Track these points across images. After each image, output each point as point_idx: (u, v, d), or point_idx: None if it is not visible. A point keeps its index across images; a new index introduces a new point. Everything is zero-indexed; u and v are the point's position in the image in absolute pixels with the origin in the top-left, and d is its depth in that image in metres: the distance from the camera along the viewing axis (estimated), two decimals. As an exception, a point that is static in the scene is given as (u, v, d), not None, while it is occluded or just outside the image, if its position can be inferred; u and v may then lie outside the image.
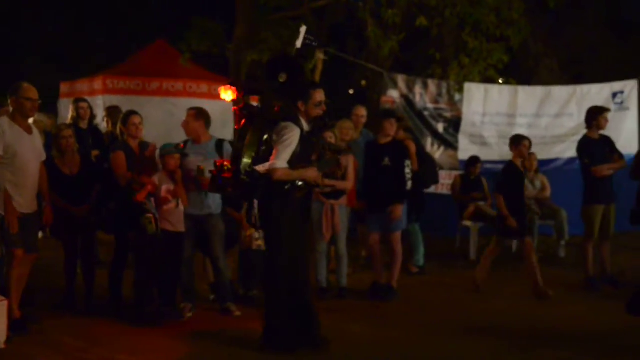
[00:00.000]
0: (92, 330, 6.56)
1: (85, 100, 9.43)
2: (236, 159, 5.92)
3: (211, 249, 7.12)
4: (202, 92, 14.27)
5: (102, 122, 10.59)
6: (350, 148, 8.04)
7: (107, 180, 7.24)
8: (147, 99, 13.28)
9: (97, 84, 13.82)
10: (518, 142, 8.33)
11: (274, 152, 5.76)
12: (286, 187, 5.80)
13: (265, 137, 5.90)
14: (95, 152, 8.76)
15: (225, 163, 6.06)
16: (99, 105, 12.86)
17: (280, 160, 5.73)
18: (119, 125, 7.51)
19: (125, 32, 23.83)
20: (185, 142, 7.23)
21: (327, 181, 6.87)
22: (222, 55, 14.36)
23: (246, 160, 5.88)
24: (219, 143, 7.17)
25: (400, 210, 7.78)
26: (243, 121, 6.00)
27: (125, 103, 11.83)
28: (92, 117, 9.59)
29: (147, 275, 6.80)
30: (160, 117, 12.56)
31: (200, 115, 7.19)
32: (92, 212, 7.25)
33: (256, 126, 5.91)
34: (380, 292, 7.89)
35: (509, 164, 8.38)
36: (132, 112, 7.44)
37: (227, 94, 6.21)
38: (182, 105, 9.58)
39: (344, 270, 7.99)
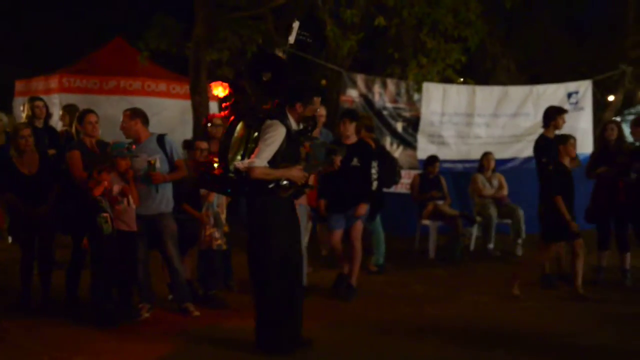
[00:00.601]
0: (49, 332, 6.46)
1: (41, 99, 9.29)
2: (223, 155, 5.81)
3: (164, 248, 7.06)
4: (161, 90, 14.18)
5: (58, 121, 10.45)
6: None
7: (65, 180, 7.14)
8: (105, 98, 13.14)
9: (53, 82, 13.63)
10: (565, 140, 8.14)
11: (256, 150, 5.69)
12: (270, 185, 5.71)
13: (255, 134, 5.79)
14: (51, 152, 8.63)
15: (215, 159, 5.97)
16: (55, 104, 12.69)
17: (260, 159, 5.64)
18: (74, 124, 7.42)
19: (83, 29, 23.51)
20: (131, 143, 7.17)
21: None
22: (181, 54, 14.25)
23: (234, 157, 5.77)
24: (160, 138, 7.13)
25: (365, 209, 7.87)
26: (232, 118, 5.94)
27: (82, 102, 11.66)
28: (48, 116, 9.45)
29: (104, 275, 6.70)
30: (118, 116, 12.28)
31: (135, 115, 7.11)
32: (51, 212, 7.14)
33: (245, 123, 5.83)
34: (343, 285, 7.95)
35: (557, 165, 8.13)
36: (88, 111, 7.36)
37: (219, 90, 6.16)
38: (140, 104, 9.47)
39: (303, 269, 7.97)
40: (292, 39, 6.19)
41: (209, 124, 8.13)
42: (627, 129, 9.38)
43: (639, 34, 15.47)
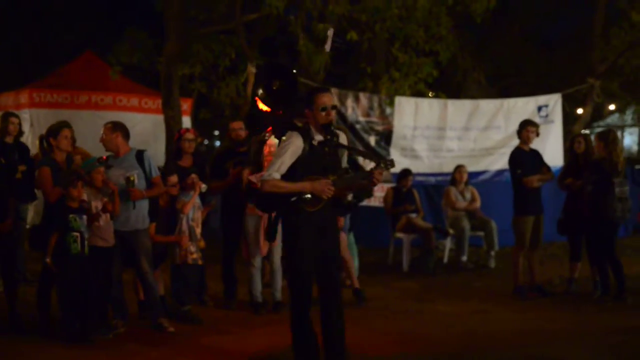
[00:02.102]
0: (19, 349, 6.37)
1: (16, 116, 9.14)
2: (257, 169, 5.68)
3: (138, 264, 7.01)
4: (133, 105, 14.10)
5: (28, 137, 10.34)
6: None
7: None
8: (75, 113, 13.02)
9: (23, 97, 13.49)
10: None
11: (268, 163, 5.55)
12: (292, 199, 5.34)
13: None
14: (22, 167, 8.52)
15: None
16: (26, 119, 12.54)
17: (269, 171, 5.39)
18: (46, 139, 7.31)
19: (52, 43, 23.31)
20: (107, 157, 7.12)
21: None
22: (152, 69, 14.20)
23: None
24: (139, 154, 7.10)
25: (342, 222, 8.12)
26: (269, 128, 5.83)
27: (52, 117, 11.59)
28: (20, 132, 9.34)
29: (70, 294, 6.59)
30: (89, 132, 12.28)
31: (116, 128, 7.08)
32: (15, 226, 7.06)
33: (276, 136, 5.72)
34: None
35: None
36: (63, 125, 7.27)
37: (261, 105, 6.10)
38: (112, 119, 9.40)
39: (278, 283, 7.97)
40: (328, 47, 6.03)
41: (182, 139, 8.09)
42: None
43: (605, 48, 15.68)
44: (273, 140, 5.52)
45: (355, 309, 7.99)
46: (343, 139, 5.53)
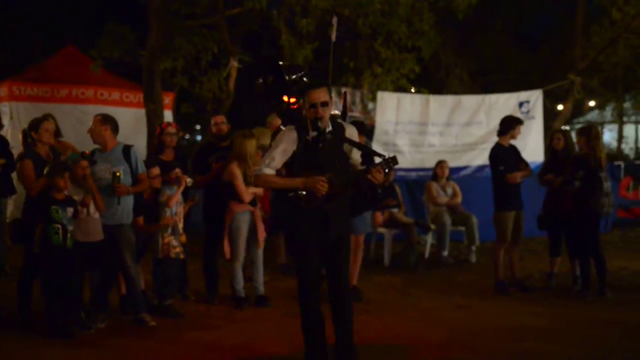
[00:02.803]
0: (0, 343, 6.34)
1: None
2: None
3: (121, 258, 7.00)
4: (114, 99, 14.02)
5: (7, 129, 10.26)
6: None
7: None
8: (56, 106, 12.90)
9: (3, 90, 13.38)
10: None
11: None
12: (290, 194, 5.32)
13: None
14: (1, 161, 8.48)
15: None
16: (5, 112, 12.50)
17: (261, 166, 5.41)
18: (26, 132, 7.27)
19: (33, 37, 23.12)
20: (93, 151, 7.09)
21: None
22: (134, 62, 14.14)
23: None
24: (126, 149, 7.08)
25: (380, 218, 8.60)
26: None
27: (33, 110, 11.52)
28: (1, 126, 9.30)
29: (55, 286, 6.57)
30: (70, 125, 12.23)
31: (107, 121, 7.06)
32: None
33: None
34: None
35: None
36: (44, 118, 7.24)
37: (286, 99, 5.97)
38: (92, 113, 9.33)
39: (261, 277, 7.98)
40: (333, 36, 5.94)
41: (164, 133, 8.06)
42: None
43: (586, 45, 15.81)
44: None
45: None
46: (349, 134, 5.46)
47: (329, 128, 5.35)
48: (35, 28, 23.22)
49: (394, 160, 5.33)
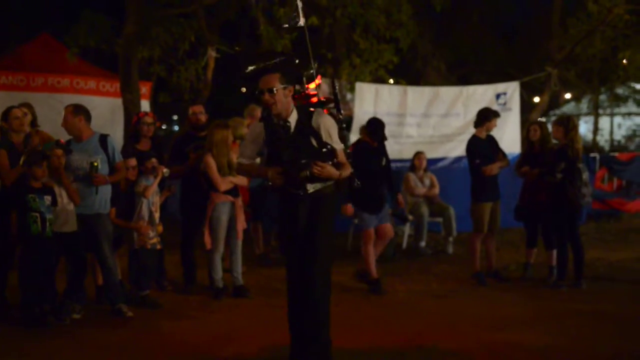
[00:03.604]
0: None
1: None
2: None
3: (99, 248, 6.96)
4: (90, 88, 13.87)
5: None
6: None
7: None
8: (32, 95, 12.73)
9: (-23, 78, 13.20)
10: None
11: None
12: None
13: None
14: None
15: None
16: (-21, 101, 12.31)
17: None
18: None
19: (6, 24, 22.81)
20: (68, 141, 7.02)
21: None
22: (111, 51, 13.99)
23: None
24: (103, 138, 7.04)
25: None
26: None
27: (7, 99, 11.34)
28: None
29: (32, 275, 6.51)
30: (46, 114, 12.05)
31: (79, 111, 7.00)
32: None
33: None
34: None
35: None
36: (12, 107, 7.17)
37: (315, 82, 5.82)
38: (68, 102, 9.25)
39: (239, 267, 7.96)
40: (302, 21, 5.76)
41: (141, 122, 8.01)
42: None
43: (563, 37, 15.88)
44: None
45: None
46: (315, 122, 5.26)
47: (294, 116, 5.29)
48: (10, 16, 22.92)
49: (332, 153, 5.25)
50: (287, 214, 5.39)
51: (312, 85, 5.82)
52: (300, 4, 5.71)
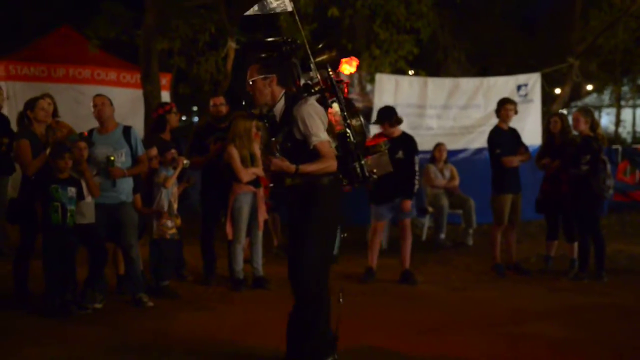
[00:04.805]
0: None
1: None
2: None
3: (124, 237, 6.99)
4: (111, 79, 13.95)
5: (4, 109, 10.17)
6: None
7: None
8: (53, 86, 12.82)
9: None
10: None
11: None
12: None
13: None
14: (5, 140, 8.40)
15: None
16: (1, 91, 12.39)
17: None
18: (23, 112, 7.23)
19: (30, 16, 22.96)
20: (90, 131, 7.05)
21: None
22: (131, 42, 14.05)
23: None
24: (126, 130, 7.06)
25: (409, 205, 8.30)
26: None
27: (29, 90, 11.44)
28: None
29: (54, 265, 6.57)
30: (67, 105, 12.16)
31: (110, 103, 7.05)
32: None
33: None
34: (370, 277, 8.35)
35: None
36: (39, 97, 7.20)
37: (352, 66, 5.58)
38: (89, 93, 9.32)
39: (260, 258, 7.98)
40: (290, 6, 5.63)
41: (171, 112, 8.05)
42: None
43: (585, 28, 15.75)
44: (334, 108, 5.24)
45: (337, 287, 8.00)
46: (296, 111, 4.98)
47: (279, 106, 5.13)
48: (32, 8, 23.07)
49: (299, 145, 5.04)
50: (288, 204, 5.34)
51: (347, 71, 5.70)
52: None
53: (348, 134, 5.21)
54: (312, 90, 5.25)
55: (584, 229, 8.39)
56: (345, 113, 5.22)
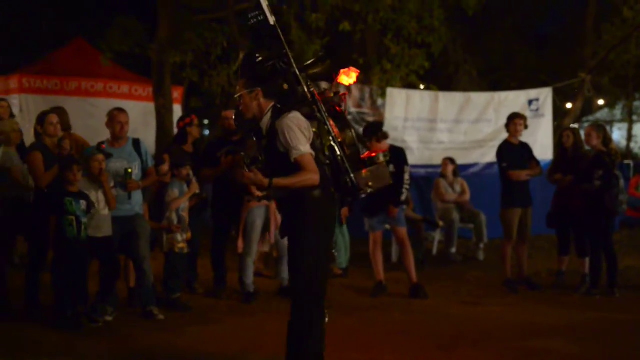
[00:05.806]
0: (6, 334, 6.37)
1: (4, 100, 9.10)
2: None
3: (137, 249, 6.97)
4: (123, 92, 14.06)
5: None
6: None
7: None
8: (66, 99, 12.95)
9: (13, 82, 13.43)
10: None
11: None
12: None
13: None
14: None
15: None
16: (15, 104, 12.50)
17: None
18: (35, 126, 7.29)
19: (42, 29, 23.16)
20: (100, 144, 7.09)
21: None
22: (144, 56, 14.14)
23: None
24: (136, 143, 7.10)
25: (395, 212, 8.31)
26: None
27: (42, 103, 11.55)
28: (12, 117, 9.28)
29: (66, 278, 6.59)
30: (79, 118, 12.27)
31: (127, 115, 7.11)
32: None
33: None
34: (382, 291, 8.31)
35: None
36: (48, 112, 7.28)
37: (351, 77, 5.61)
38: (102, 106, 9.41)
39: (286, 267, 7.95)
40: (272, 19, 5.61)
41: (192, 124, 8.11)
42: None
43: (597, 43, 15.75)
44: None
45: (348, 300, 8.01)
46: (279, 125, 4.88)
47: (266, 119, 5.04)
48: (46, 21, 23.27)
49: (253, 160, 4.94)
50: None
51: (345, 82, 5.71)
52: (265, 2, 5.50)
53: (335, 147, 5.08)
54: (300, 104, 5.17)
55: (596, 244, 8.35)
56: (328, 127, 5.10)
